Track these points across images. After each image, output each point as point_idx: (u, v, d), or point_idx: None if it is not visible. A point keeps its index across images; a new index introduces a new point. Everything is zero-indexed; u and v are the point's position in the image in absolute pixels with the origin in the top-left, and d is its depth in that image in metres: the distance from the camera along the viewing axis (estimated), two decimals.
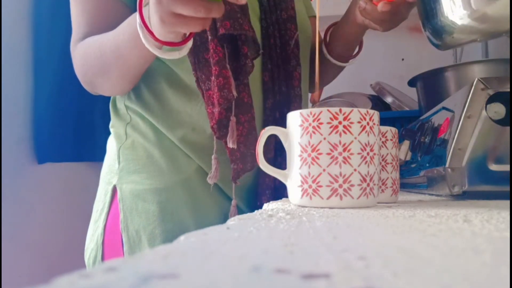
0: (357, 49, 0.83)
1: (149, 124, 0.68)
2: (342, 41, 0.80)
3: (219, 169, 0.64)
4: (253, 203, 0.69)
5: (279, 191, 0.68)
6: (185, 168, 0.66)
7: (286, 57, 0.70)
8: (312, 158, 0.41)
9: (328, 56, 0.81)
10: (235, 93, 0.60)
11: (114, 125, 0.73)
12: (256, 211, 0.38)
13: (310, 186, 0.41)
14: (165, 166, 0.66)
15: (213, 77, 0.60)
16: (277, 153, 0.68)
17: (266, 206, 0.46)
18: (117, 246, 0.65)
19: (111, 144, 0.73)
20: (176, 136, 0.66)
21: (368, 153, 0.42)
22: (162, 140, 0.67)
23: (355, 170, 0.41)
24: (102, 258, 0.66)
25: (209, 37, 0.60)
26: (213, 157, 0.63)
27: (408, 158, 0.75)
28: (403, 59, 1.70)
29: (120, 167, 0.68)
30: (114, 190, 0.67)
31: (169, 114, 0.67)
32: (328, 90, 1.46)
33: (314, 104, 1.37)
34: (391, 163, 0.52)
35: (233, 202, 0.66)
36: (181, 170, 0.66)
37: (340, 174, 0.41)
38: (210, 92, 0.62)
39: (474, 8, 0.47)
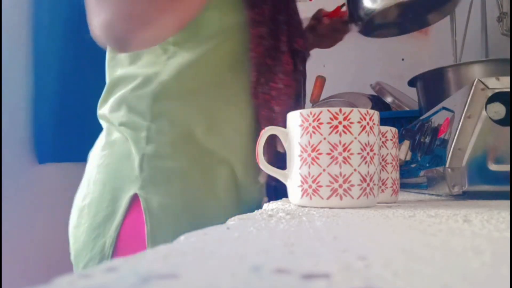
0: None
1: (176, 129, 0.62)
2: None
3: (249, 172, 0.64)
4: None
5: (278, 191, 0.68)
6: (216, 178, 0.63)
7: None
8: (312, 158, 0.41)
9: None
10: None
11: (129, 124, 0.63)
12: (256, 211, 0.38)
13: (310, 186, 0.41)
14: (197, 177, 0.62)
15: (280, 85, 0.62)
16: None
17: (266, 206, 0.46)
18: None
19: (121, 145, 0.65)
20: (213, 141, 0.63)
21: (368, 153, 0.42)
22: (191, 149, 0.62)
23: (355, 170, 0.41)
24: None
25: (284, 49, 0.63)
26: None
27: (408, 158, 0.75)
28: (403, 59, 1.70)
29: (143, 176, 0.61)
30: (133, 199, 0.60)
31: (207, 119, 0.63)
32: (328, 90, 1.46)
33: (314, 104, 1.37)
34: (391, 163, 0.52)
35: (265, 199, 0.66)
36: (212, 181, 0.63)
37: (340, 174, 0.41)
38: (267, 97, 0.62)
39: None
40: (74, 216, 0.67)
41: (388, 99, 1.33)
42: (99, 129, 1.26)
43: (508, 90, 0.55)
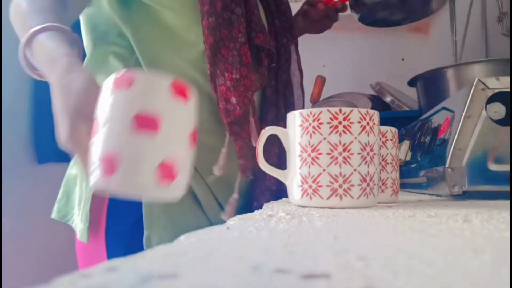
0: None
1: None
2: None
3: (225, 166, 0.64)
4: (250, 205, 0.69)
5: (278, 193, 0.68)
6: None
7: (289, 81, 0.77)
8: (312, 158, 0.41)
9: None
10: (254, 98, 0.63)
11: None
12: (256, 211, 0.38)
13: (310, 186, 0.41)
14: None
15: (236, 75, 0.61)
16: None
17: (266, 206, 0.46)
18: None
19: None
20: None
21: (368, 153, 0.42)
22: None
23: (355, 170, 0.41)
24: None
25: (242, 39, 0.62)
26: (223, 150, 0.63)
27: (408, 158, 0.75)
28: (403, 59, 1.70)
29: None
30: None
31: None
32: (328, 90, 1.46)
33: (314, 104, 1.38)
34: (391, 163, 0.52)
35: (235, 196, 0.65)
36: None
37: (340, 174, 0.41)
38: (223, 88, 0.62)
39: None
40: None
41: (388, 99, 1.33)
42: None
43: (508, 90, 0.55)
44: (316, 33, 0.94)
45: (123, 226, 0.63)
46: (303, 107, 0.78)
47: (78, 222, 0.65)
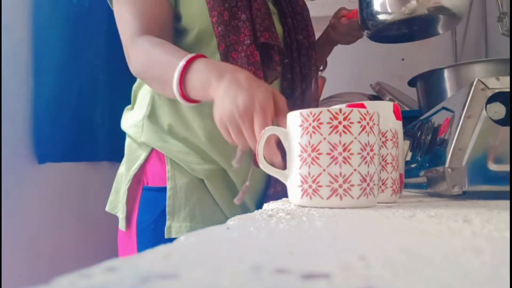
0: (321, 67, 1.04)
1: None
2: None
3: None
4: (267, 191, 0.75)
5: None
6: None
7: (307, 76, 0.81)
8: (312, 158, 0.41)
9: None
10: None
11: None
12: (256, 211, 0.38)
13: (310, 186, 0.41)
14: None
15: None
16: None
17: (266, 206, 0.46)
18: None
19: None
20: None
21: (368, 153, 0.42)
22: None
23: (355, 170, 0.41)
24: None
25: (248, 42, 0.68)
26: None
27: (408, 158, 0.76)
28: (403, 59, 1.70)
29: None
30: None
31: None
32: (328, 90, 1.46)
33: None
34: (391, 163, 0.52)
35: (248, 183, 0.69)
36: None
37: (340, 174, 0.41)
38: None
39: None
40: None
41: (388, 99, 1.34)
42: (98, 129, 1.26)
43: (508, 90, 0.55)
44: (347, 44, 0.96)
45: (151, 216, 0.71)
46: (317, 100, 0.83)
47: (120, 213, 0.75)
